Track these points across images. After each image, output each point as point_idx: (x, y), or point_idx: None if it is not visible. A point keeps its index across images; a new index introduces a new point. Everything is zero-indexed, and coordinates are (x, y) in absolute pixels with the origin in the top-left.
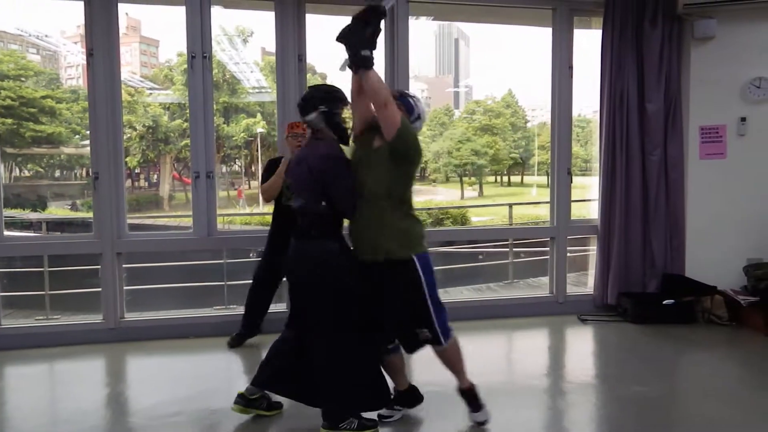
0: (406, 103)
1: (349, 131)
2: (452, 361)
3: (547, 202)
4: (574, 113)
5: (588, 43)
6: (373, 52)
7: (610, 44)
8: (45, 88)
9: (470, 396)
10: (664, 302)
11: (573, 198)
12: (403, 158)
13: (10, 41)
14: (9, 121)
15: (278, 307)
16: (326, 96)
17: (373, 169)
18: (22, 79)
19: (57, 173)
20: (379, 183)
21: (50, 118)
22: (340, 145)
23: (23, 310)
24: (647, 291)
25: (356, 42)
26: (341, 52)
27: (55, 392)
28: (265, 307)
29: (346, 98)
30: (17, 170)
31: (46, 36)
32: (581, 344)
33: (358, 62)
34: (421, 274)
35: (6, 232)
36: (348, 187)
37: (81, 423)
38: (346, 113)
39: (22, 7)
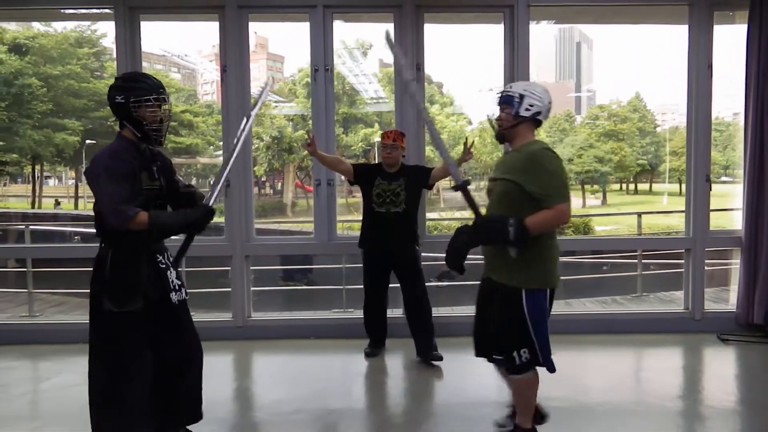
0: (509, 100)
1: None
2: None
3: (681, 211)
4: (712, 116)
5: (728, 40)
6: (512, 225)
7: (757, 40)
8: (184, 104)
9: None
10: None
11: (711, 207)
12: None
13: (156, 62)
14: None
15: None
16: None
17: None
18: None
19: (193, 181)
20: None
21: (188, 131)
22: None
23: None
24: None
25: (497, 237)
26: (456, 63)
27: None
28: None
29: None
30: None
31: (186, 56)
32: (722, 366)
33: (519, 242)
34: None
35: None
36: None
37: (211, 414)
38: None
39: (166, 30)
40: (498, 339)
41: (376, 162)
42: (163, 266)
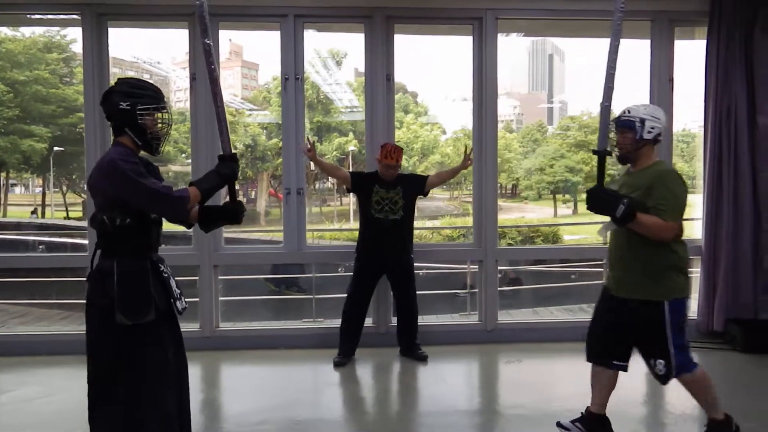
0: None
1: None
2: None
3: None
4: (678, 128)
5: (691, 54)
6: (624, 204)
7: (715, 54)
8: None
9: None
10: None
11: None
12: None
13: (127, 68)
14: None
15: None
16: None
17: None
18: None
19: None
20: None
21: None
22: None
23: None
24: (759, 318)
25: (605, 208)
26: (431, 72)
27: None
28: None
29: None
30: None
31: (158, 63)
32: None
33: (621, 222)
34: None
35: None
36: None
37: None
38: None
39: (138, 36)
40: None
41: (368, 171)
42: (166, 275)
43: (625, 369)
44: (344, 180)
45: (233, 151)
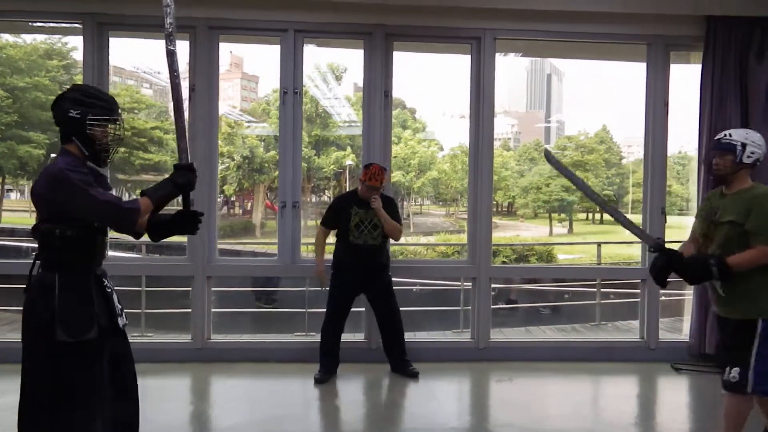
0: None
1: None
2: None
3: (639, 242)
4: (674, 150)
5: (687, 78)
6: (714, 264)
7: (710, 80)
8: (155, 120)
9: None
10: None
11: (668, 238)
12: None
13: (127, 77)
14: (122, 150)
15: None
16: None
17: None
18: (136, 111)
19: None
20: None
21: (158, 148)
22: None
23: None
24: None
25: (704, 276)
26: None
27: (144, 407)
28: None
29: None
30: (126, 195)
31: (158, 73)
32: (674, 395)
33: (726, 279)
34: None
35: (111, 253)
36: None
37: None
38: None
39: (139, 46)
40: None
41: (347, 191)
42: (109, 290)
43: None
44: (326, 234)
45: (190, 161)
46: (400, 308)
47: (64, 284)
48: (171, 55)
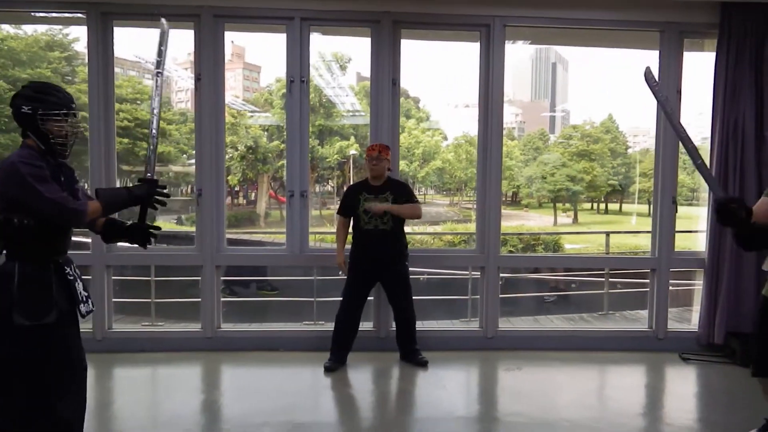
0: None
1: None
2: None
3: (647, 232)
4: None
5: (700, 66)
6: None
7: (724, 68)
8: None
9: None
10: None
11: (677, 228)
12: None
13: (129, 68)
14: (125, 140)
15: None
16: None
17: None
18: (138, 102)
19: (165, 189)
20: None
21: (161, 138)
22: None
23: (131, 316)
24: None
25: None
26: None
27: (156, 395)
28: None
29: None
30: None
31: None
32: (682, 385)
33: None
34: None
35: (120, 243)
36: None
37: (178, 427)
38: None
39: (140, 37)
40: None
41: (353, 182)
42: (71, 278)
43: None
44: (344, 223)
45: (155, 177)
46: None
47: (23, 273)
48: (157, 81)
